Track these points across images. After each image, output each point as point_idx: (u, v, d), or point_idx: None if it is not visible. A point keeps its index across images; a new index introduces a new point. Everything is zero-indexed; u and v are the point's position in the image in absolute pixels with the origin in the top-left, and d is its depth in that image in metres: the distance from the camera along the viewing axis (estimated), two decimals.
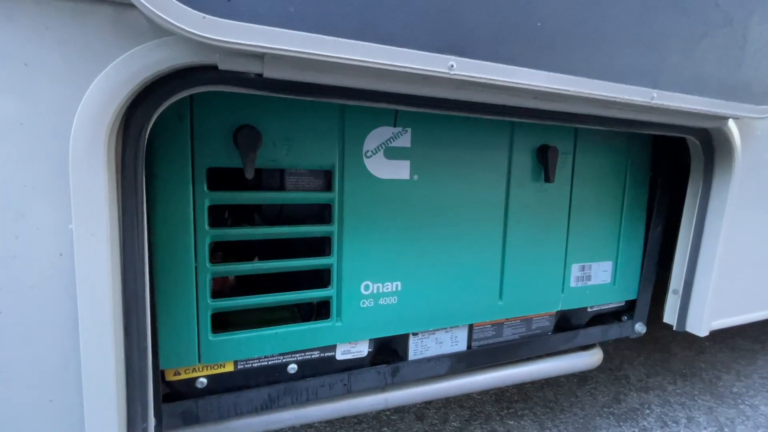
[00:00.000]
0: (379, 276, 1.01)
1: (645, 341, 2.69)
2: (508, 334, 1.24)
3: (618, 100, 0.74)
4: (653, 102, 0.77)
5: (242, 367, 0.94)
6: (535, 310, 1.23)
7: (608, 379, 2.26)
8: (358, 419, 1.85)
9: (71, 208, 0.55)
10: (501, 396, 2.03)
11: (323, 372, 1.02)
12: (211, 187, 0.85)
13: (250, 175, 0.83)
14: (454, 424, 1.82)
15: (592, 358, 1.39)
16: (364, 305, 1.01)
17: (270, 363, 0.97)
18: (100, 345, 0.59)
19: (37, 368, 0.58)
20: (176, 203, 0.82)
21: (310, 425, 1.76)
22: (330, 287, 0.97)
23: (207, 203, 0.85)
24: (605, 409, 1.97)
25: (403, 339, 1.11)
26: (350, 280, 0.98)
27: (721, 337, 2.84)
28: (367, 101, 0.74)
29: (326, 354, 1.02)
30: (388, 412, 1.92)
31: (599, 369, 2.37)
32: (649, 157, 1.31)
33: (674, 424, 1.88)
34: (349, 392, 1.03)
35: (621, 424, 1.85)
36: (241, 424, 0.94)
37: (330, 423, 1.80)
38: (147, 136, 0.62)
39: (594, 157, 1.23)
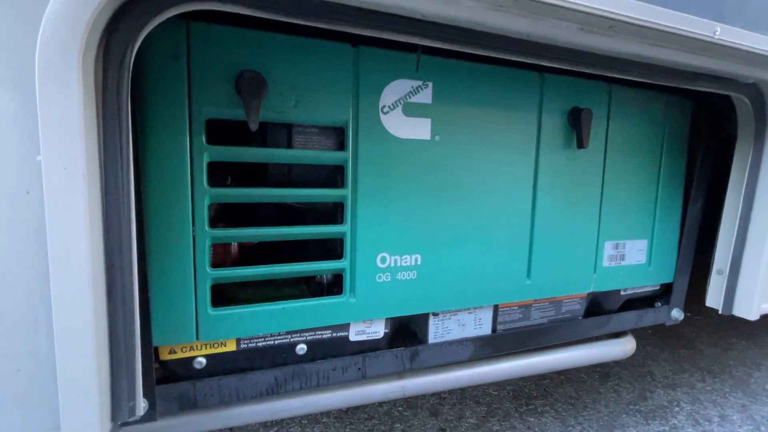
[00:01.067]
0: (397, 248, 0.91)
1: (669, 337, 2.57)
2: (536, 317, 1.13)
3: (676, 31, 0.64)
4: (716, 38, 0.67)
5: (245, 346, 0.85)
6: (566, 291, 1.12)
7: (632, 376, 2.13)
8: (369, 414, 1.74)
9: (39, 137, 0.46)
10: (519, 392, 1.92)
11: (335, 354, 0.92)
12: (210, 141, 0.76)
13: (254, 125, 0.74)
14: (471, 420, 1.71)
15: (625, 346, 1.27)
16: (381, 280, 0.91)
17: (276, 342, 0.87)
18: (75, 303, 0.49)
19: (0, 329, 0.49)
20: (171, 156, 0.72)
21: (317, 420, 1.66)
22: (343, 259, 0.88)
23: (206, 159, 0.76)
24: (631, 407, 1.85)
25: (423, 320, 1.01)
26: (365, 251, 0.88)
27: (747, 333, 2.70)
28: (382, 30, 0.64)
29: (339, 334, 0.92)
30: (400, 408, 1.81)
31: (622, 365, 2.25)
32: (689, 123, 1.20)
33: (706, 423, 1.75)
34: (363, 377, 0.93)
35: (649, 421, 1.73)
36: (245, 411, 0.84)
37: (339, 418, 1.70)
38: (132, 59, 0.53)
39: (630, 122, 1.13)
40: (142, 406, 0.73)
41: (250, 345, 0.85)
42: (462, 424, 1.69)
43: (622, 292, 1.25)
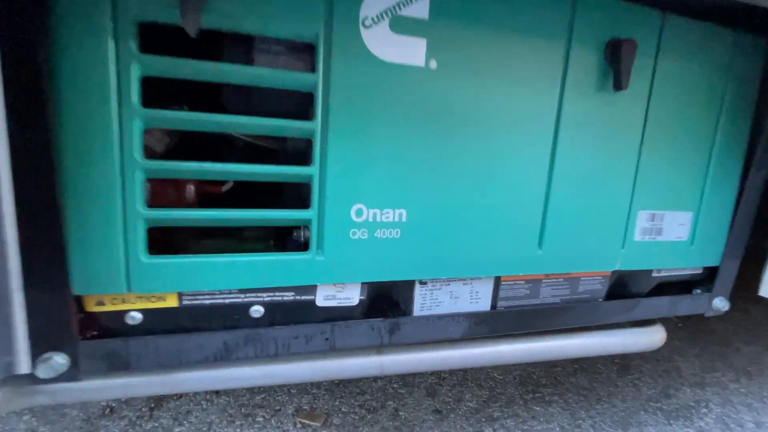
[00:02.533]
0: (377, 199, 0.75)
1: (700, 332, 2.33)
2: (547, 295, 0.96)
3: None
4: None
5: (189, 302, 0.72)
6: (585, 266, 0.94)
7: (655, 370, 1.94)
8: (361, 389, 1.64)
9: None
10: (526, 378, 1.77)
11: (299, 320, 0.79)
12: (143, 50, 0.61)
13: (192, 28, 0.58)
14: (470, 404, 1.58)
15: (652, 337, 1.09)
16: (356, 237, 0.75)
17: (227, 301, 0.74)
18: None
19: None
20: (90, 63, 0.58)
21: (306, 390, 1.56)
22: (309, 209, 0.73)
23: (138, 73, 0.62)
24: (651, 404, 1.67)
25: (408, 288, 0.86)
26: (337, 200, 0.73)
27: None
28: None
29: (303, 297, 0.79)
30: (395, 384, 1.70)
31: (644, 358, 2.05)
32: (761, 70, 0.96)
33: (738, 428, 1.55)
34: (332, 349, 0.80)
35: (671, 422, 1.55)
36: (189, 377, 0.73)
37: (329, 390, 1.60)
38: None
39: (684, 62, 0.90)
40: (60, 362, 0.62)
41: (194, 302, 0.72)
42: (460, 407, 1.56)
43: (655, 274, 1.05)
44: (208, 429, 1.42)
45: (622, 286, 1.06)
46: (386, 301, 0.86)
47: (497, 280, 0.91)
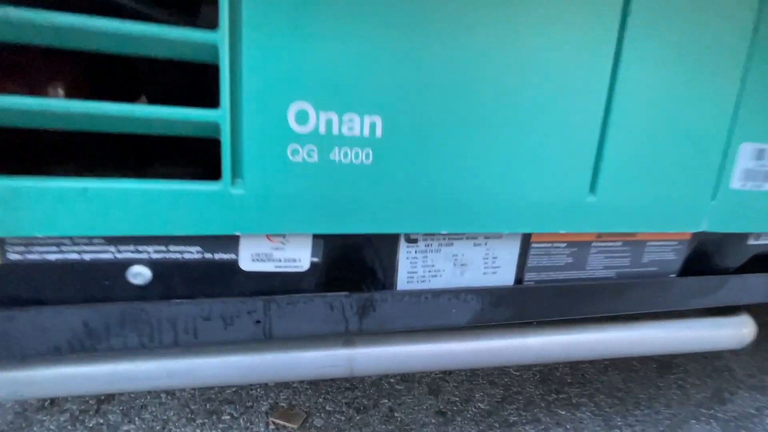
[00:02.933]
0: (333, 95, 0.46)
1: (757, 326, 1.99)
2: (597, 265, 0.66)
3: None
4: None
5: (20, 257, 0.45)
6: (658, 225, 0.63)
7: (702, 370, 1.62)
8: (352, 383, 1.37)
9: None
10: (548, 375, 1.47)
11: (212, 292, 0.51)
12: None
13: None
14: (481, 405, 1.29)
15: (739, 331, 0.78)
16: (297, 158, 0.46)
17: (88, 258, 0.47)
18: None
19: None
20: None
21: (287, 384, 1.31)
22: (218, 107, 0.44)
23: None
24: (703, 410, 1.36)
25: (388, 247, 0.56)
26: (263, 93, 0.44)
27: None
28: None
29: (217, 256, 0.50)
30: (392, 379, 1.42)
31: (686, 354, 1.72)
32: None
33: None
34: (267, 337, 0.52)
35: None
36: (19, 378, 0.46)
37: (313, 384, 1.34)
38: None
39: None
40: None
41: (29, 256, 0.45)
42: (468, 409, 1.28)
43: (752, 241, 0.74)
44: (162, 428, 1.17)
45: (703, 258, 0.74)
46: (355, 267, 0.57)
47: (526, 241, 0.61)
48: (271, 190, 0.46)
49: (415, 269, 0.57)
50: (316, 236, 0.52)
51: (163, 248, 0.47)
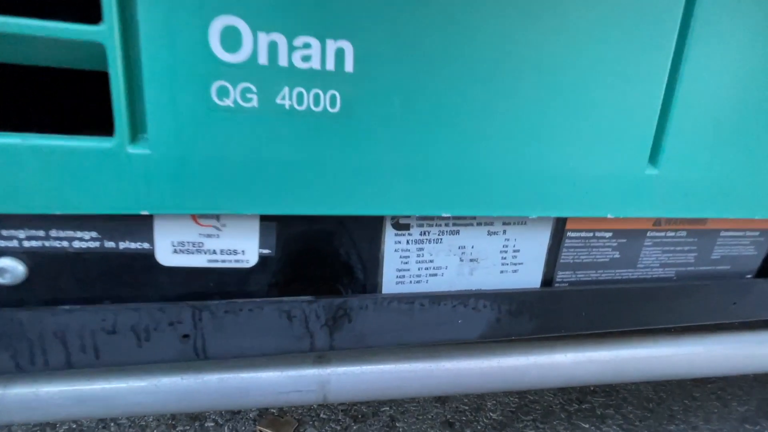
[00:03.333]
0: (277, 8, 0.31)
1: None
2: (653, 262, 0.50)
3: None
4: None
5: None
6: (736, 209, 0.47)
7: (744, 378, 1.44)
8: None
9: None
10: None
11: (117, 296, 0.37)
12: None
13: None
14: (493, 415, 1.15)
15: None
16: (226, 102, 0.32)
17: None
18: None
19: None
20: None
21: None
22: (101, 22, 0.30)
23: None
24: (748, 427, 1.19)
25: (368, 234, 0.42)
26: (171, 1, 0.29)
27: None
28: None
29: (122, 246, 0.36)
30: None
31: None
32: None
33: None
34: (199, 357, 0.38)
35: None
36: None
37: None
38: None
39: None
40: None
41: None
42: (479, 420, 1.13)
43: None
44: None
45: None
46: (322, 263, 0.42)
47: (558, 229, 0.45)
48: (189, 150, 0.32)
49: (406, 266, 0.42)
50: (265, 219, 0.37)
51: (40, 234, 0.33)
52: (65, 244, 0.34)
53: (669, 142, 0.41)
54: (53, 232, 0.33)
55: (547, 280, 0.47)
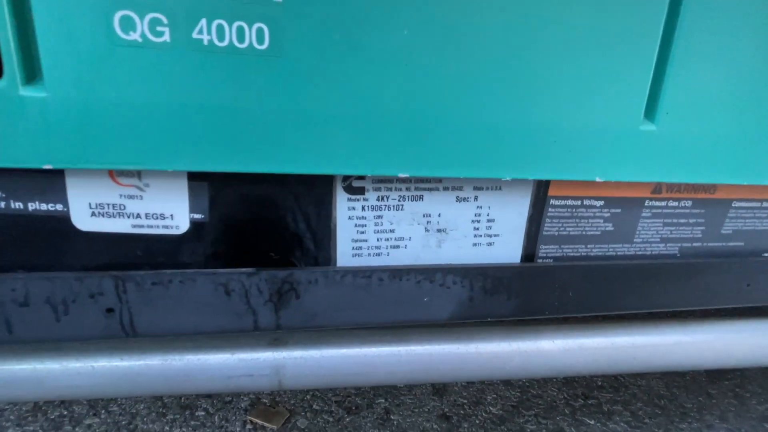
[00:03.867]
0: None
1: None
2: (652, 236, 0.44)
3: None
4: None
5: None
6: (751, 173, 0.41)
7: (763, 374, 1.35)
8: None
9: None
10: (574, 377, 1.25)
11: (29, 264, 0.33)
12: None
13: None
14: (492, 409, 1.10)
15: None
16: (133, 35, 0.27)
17: None
18: None
19: None
20: None
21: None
22: None
23: None
24: (767, 426, 1.12)
25: (315, 198, 0.37)
26: None
27: None
28: None
29: (32, 206, 0.32)
30: None
31: None
32: None
33: None
34: (128, 334, 0.34)
35: None
36: None
37: None
38: None
39: None
40: None
41: None
42: (477, 414, 1.08)
43: None
44: (129, 422, 1.04)
45: None
46: (265, 231, 0.37)
47: (540, 195, 0.40)
48: (93, 93, 0.28)
49: (363, 236, 0.37)
50: (194, 178, 0.33)
51: None
52: None
53: (668, 90, 0.35)
54: None
55: (528, 255, 0.41)
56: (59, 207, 0.31)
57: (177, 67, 0.28)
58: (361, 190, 0.36)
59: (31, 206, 0.31)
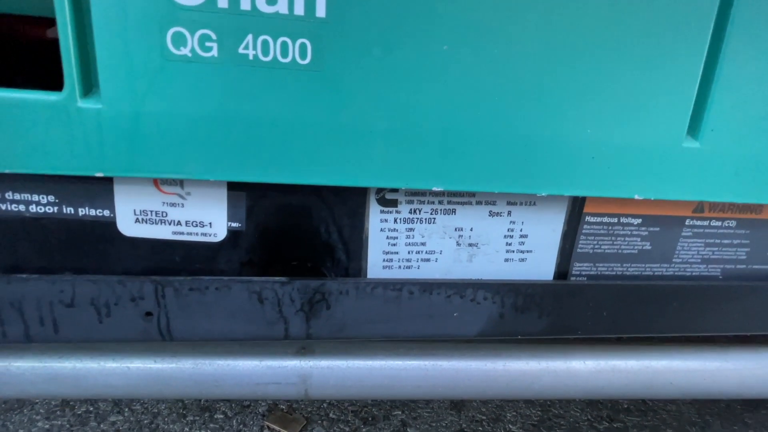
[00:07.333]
0: None
1: None
2: (692, 257, 0.43)
3: None
4: None
5: None
6: None
7: None
8: None
9: None
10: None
11: (77, 266, 0.34)
12: None
13: None
14: (512, 427, 1.07)
15: None
16: (183, 51, 0.29)
17: None
18: None
19: None
20: None
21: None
22: None
23: None
24: None
25: (349, 209, 0.37)
26: None
27: None
28: None
29: (81, 211, 0.34)
30: None
31: None
32: None
33: None
34: (165, 337, 0.35)
35: None
36: None
37: None
38: None
39: None
40: None
41: None
42: (497, 431, 1.06)
43: None
44: (150, 421, 1.06)
45: None
46: (299, 241, 0.38)
47: (575, 212, 0.39)
48: (145, 105, 0.29)
49: (395, 248, 0.37)
50: (233, 188, 0.34)
51: None
52: (22, 207, 0.32)
53: (713, 106, 0.34)
54: (9, 195, 0.32)
55: (562, 273, 0.41)
56: (106, 213, 0.33)
57: (222, 80, 0.29)
58: (394, 203, 0.36)
59: (81, 211, 0.33)
